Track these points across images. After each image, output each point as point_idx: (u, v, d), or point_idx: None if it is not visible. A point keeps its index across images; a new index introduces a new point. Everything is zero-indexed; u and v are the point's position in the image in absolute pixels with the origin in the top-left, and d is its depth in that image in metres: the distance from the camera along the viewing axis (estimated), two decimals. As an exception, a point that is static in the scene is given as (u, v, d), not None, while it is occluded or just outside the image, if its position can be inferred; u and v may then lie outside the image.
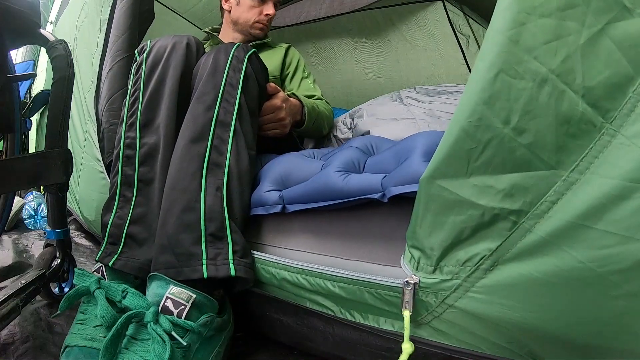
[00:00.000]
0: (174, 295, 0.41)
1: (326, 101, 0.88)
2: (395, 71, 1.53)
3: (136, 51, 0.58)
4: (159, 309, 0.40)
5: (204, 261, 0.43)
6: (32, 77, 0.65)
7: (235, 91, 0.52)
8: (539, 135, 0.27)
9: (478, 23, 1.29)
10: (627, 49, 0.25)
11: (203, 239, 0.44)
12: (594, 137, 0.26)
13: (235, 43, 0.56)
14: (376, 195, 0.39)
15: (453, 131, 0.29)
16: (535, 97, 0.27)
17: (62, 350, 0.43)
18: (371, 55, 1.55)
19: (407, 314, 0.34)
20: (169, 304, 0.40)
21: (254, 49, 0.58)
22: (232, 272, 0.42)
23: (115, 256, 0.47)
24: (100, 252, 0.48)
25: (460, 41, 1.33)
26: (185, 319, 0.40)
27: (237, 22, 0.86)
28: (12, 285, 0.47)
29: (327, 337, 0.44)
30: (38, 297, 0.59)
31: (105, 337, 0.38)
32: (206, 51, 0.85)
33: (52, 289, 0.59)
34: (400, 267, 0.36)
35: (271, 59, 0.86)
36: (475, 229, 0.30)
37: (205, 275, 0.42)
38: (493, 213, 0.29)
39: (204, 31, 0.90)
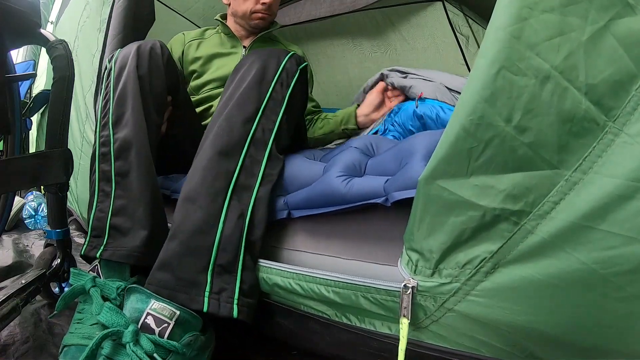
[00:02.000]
0: (156, 311, 0.37)
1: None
2: (396, 71, 1.52)
3: (106, 59, 0.59)
4: (139, 326, 0.37)
5: (206, 293, 0.40)
6: (32, 77, 0.65)
7: (279, 108, 0.50)
8: (541, 134, 0.26)
9: (478, 23, 1.28)
10: (630, 47, 0.25)
11: (211, 268, 0.41)
12: (597, 136, 0.26)
13: (290, 52, 0.55)
14: (379, 200, 0.39)
15: (453, 129, 0.29)
16: (537, 95, 0.26)
17: (60, 350, 0.43)
18: (371, 55, 1.55)
19: (405, 322, 0.33)
20: (150, 320, 0.37)
21: (306, 63, 0.56)
22: (235, 313, 0.39)
23: (102, 247, 0.47)
24: (84, 247, 0.48)
25: (460, 41, 1.32)
26: (167, 338, 0.37)
27: (236, 14, 0.82)
28: (12, 285, 0.47)
29: (325, 339, 0.43)
30: (38, 297, 0.59)
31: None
32: (216, 39, 0.82)
33: (53, 289, 0.59)
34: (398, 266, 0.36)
35: None
36: (476, 230, 0.30)
37: (205, 309, 0.39)
38: (494, 214, 0.29)
39: (215, 19, 0.86)
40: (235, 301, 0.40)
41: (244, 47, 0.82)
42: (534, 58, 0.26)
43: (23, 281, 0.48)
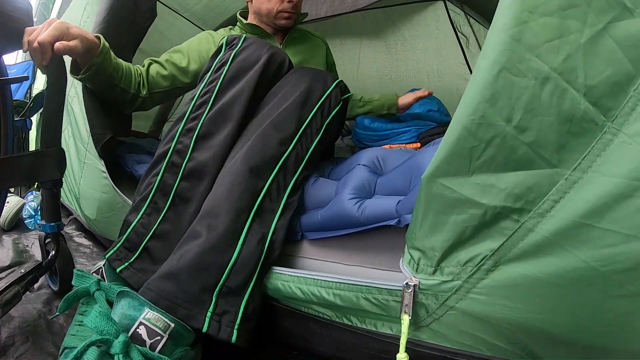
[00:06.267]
0: (150, 321, 0.35)
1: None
2: (395, 71, 1.53)
3: (225, 41, 0.52)
4: (129, 336, 0.34)
5: (208, 313, 0.38)
6: (24, 79, 0.66)
7: (315, 136, 0.48)
8: (541, 134, 0.27)
9: (479, 23, 1.29)
10: (628, 49, 0.25)
11: (218, 288, 0.39)
12: (596, 136, 0.26)
13: (336, 78, 0.52)
14: (392, 222, 0.39)
15: (455, 129, 0.29)
16: (537, 95, 0.27)
17: (60, 351, 0.42)
18: (372, 55, 1.56)
19: (406, 318, 0.33)
20: (142, 331, 0.35)
21: (350, 93, 0.54)
22: (234, 339, 0.38)
23: (126, 264, 0.45)
24: (111, 251, 0.46)
25: (461, 41, 1.33)
26: (159, 352, 0.34)
27: (260, 12, 0.77)
28: (12, 274, 0.49)
29: (325, 340, 0.43)
30: (38, 298, 0.59)
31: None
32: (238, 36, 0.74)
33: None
34: (401, 272, 0.36)
35: (316, 52, 0.83)
36: (477, 228, 0.30)
37: (204, 329, 0.37)
38: (495, 212, 0.29)
39: (239, 19, 0.80)
40: (236, 326, 0.39)
41: (280, 44, 0.79)
42: (533, 60, 0.26)
43: (22, 270, 0.50)
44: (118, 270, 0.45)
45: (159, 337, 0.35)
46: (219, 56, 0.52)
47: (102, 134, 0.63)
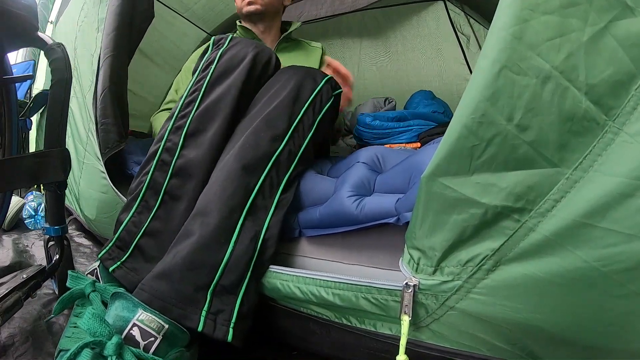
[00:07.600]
0: (143, 322, 0.35)
1: None
2: (395, 71, 1.53)
3: (212, 40, 0.52)
4: (123, 338, 0.34)
5: (203, 312, 0.38)
6: (29, 78, 0.65)
7: (307, 132, 0.48)
8: (542, 133, 0.27)
9: (479, 23, 1.29)
10: (630, 48, 0.25)
11: (212, 287, 0.39)
12: (597, 135, 0.26)
13: (326, 75, 0.52)
14: (391, 220, 0.39)
15: (456, 128, 0.29)
16: (538, 94, 0.27)
17: (56, 353, 0.42)
18: (372, 55, 1.56)
19: (406, 319, 0.33)
20: (136, 332, 0.35)
21: (340, 90, 0.54)
22: (230, 337, 0.38)
23: (118, 263, 0.44)
24: (104, 251, 0.45)
25: (461, 41, 1.33)
26: (153, 353, 0.34)
27: (239, 14, 0.80)
28: (14, 279, 0.48)
29: (324, 340, 0.43)
30: (39, 298, 0.59)
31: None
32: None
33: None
34: (401, 271, 0.36)
35: (308, 61, 0.83)
36: (478, 228, 0.30)
37: (200, 328, 0.37)
38: (496, 211, 0.29)
39: (238, 25, 0.84)
40: (232, 325, 0.38)
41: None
42: (535, 58, 0.26)
43: (24, 276, 0.49)
44: (111, 269, 0.44)
45: (152, 339, 0.35)
46: (206, 55, 0.52)
47: (118, 142, 0.63)
